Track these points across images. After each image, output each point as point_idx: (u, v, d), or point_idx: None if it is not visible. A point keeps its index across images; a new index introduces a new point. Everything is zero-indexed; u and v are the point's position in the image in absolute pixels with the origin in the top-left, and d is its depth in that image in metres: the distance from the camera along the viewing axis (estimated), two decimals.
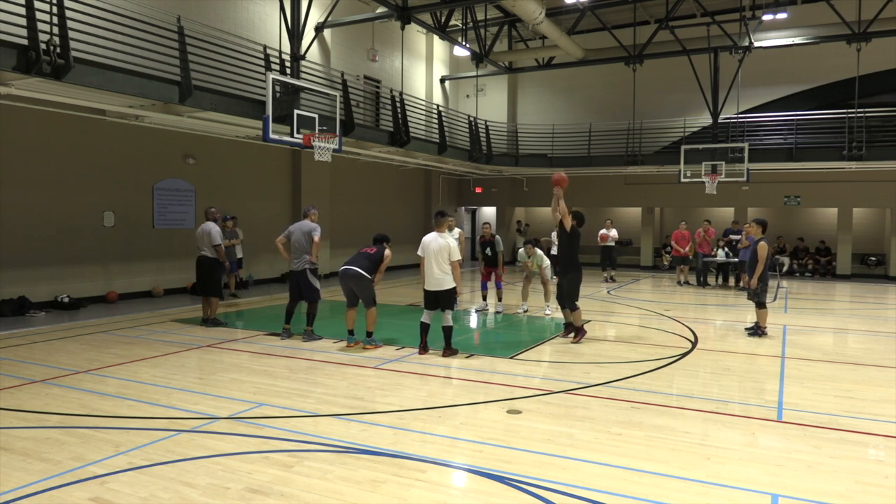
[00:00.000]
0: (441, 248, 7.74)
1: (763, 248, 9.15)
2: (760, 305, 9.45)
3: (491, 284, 11.79)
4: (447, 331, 7.86)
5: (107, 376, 6.82)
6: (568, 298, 8.89)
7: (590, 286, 15.54)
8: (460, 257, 7.91)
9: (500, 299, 11.75)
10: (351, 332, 8.51)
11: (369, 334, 8.39)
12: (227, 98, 11.30)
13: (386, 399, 6.05)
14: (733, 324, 10.75)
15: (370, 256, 8.36)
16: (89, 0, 9.40)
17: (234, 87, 11.58)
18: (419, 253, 7.97)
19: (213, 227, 9.96)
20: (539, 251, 11.30)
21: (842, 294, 15.93)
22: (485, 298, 12.03)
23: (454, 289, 7.86)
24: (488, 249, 11.57)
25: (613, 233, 17.61)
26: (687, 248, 16.76)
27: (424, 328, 8.01)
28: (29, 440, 4.87)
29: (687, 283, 16.82)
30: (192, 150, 14.27)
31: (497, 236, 11.72)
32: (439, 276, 7.76)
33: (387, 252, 8.48)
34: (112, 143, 12.61)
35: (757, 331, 9.45)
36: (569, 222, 8.69)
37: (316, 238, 8.80)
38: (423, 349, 8.00)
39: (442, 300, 7.82)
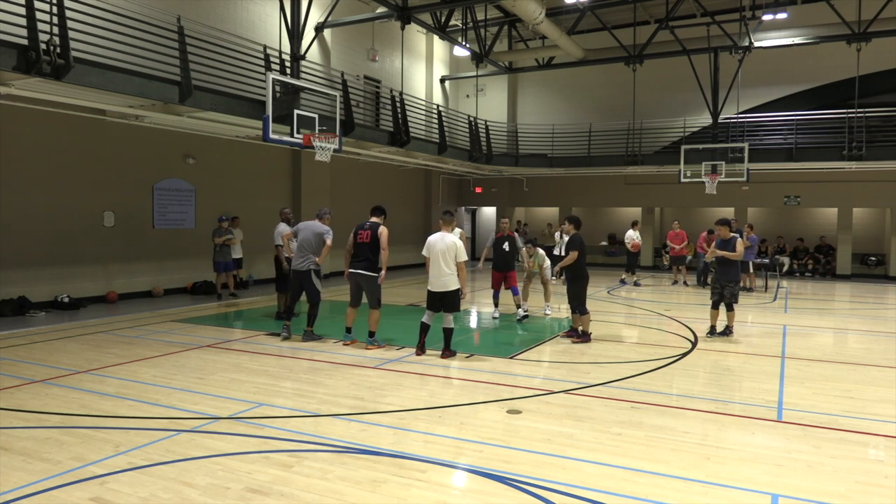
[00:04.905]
0: (448, 247, 7.68)
1: (741, 244, 9.29)
2: (730, 308, 9.31)
3: (505, 291, 10.96)
4: (448, 332, 7.81)
5: (107, 376, 6.81)
6: (573, 303, 8.94)
7: (598, 287, 15.48)
8: (466, 258, 7.86)
9: (520, 303, 10.90)
10: (349, 331, 8.54)
11: (371, 334, 8.35)
12: (227, 98, 11.29)
13: (386, 399, 6.05)
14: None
15: (369, 247, 8.12)
16: (89, 0, 9.41)
17: (234, 87, 11.57)
18: (424, 253, 7.91)
19: (277, 228, 10.57)
20: (540, 251, 11.27)
21: (842, 294, 15.92)
22: (497, 306, 11.11)
23: (458, 290, 7.78)
24: (506, 245, 10.70)
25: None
26: (682, 246, 16.67)
27: (424, 328, 7.94)
28: (29, 440, 4.87)
29: (685, 283, 16.81)
30: (192, 150, 14.27)
31: (516, 233, 11.49)
32: (445, 277, 7.68)
33: (380, 230, 8.11)
34: (112, 143, 12.61)
35: (725, 332, 9.35)
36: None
37: (329, 242, 8.72)
38: (421, 350, 7.92)
39: (446, 302, 7.75)
